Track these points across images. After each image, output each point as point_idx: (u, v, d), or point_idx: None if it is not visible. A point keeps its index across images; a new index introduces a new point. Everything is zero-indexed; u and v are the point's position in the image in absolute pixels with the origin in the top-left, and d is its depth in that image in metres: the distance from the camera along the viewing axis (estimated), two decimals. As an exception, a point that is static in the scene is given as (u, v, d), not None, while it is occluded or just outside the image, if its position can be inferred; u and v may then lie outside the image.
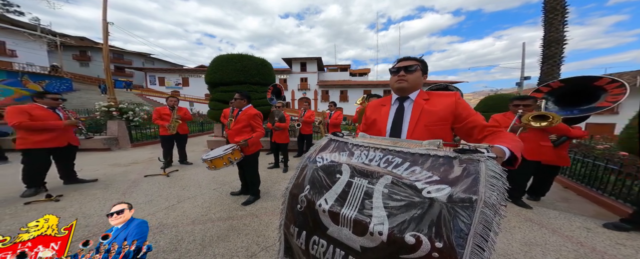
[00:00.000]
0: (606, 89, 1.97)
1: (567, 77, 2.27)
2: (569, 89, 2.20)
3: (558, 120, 1.93)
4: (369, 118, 1.16)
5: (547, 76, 8.04)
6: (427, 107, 0.99)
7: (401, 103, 1.06)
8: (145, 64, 32.67)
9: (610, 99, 1.94)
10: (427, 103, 1.00)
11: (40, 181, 2.65)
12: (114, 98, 6.41)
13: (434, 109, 0.97)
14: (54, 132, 2.61)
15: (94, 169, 3.85)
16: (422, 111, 0.98)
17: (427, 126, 0.96)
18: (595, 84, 2.01)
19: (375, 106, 1.16)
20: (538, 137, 2.22)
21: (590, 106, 2.06)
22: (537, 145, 2.23)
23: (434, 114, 0.96)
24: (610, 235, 1.84)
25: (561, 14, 7.69)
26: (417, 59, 1.04)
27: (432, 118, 0.96)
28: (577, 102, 2.15)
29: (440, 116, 0.96)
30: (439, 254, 0.56)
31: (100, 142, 5.45)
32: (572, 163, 3.33)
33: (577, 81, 2.15)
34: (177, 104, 4.02)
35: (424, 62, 1.06)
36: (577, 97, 2.15)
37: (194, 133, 9.61)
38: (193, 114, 17.20)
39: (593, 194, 2.72)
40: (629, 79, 12.90)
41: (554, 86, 2.30)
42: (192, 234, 1.84)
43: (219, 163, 2.10)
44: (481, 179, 0.58)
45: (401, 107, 1.05)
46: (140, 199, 2.58)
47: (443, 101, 0.99)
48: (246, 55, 6.43)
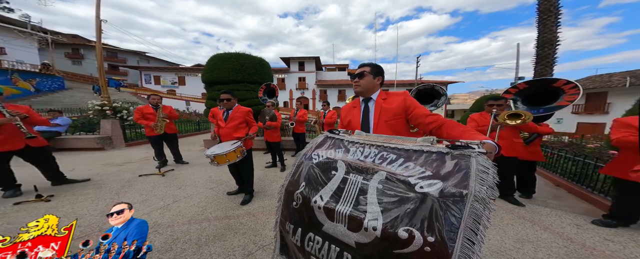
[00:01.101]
0: (564, 89, 2.19)
1: (530, 80, 2.53)
2: (534, 90, 2.41)
3: (530, 117, 2.14)
4: (344, 119, 1.34)
5: (540, 76, 8.19)
6: (385, 105, 1.18)
7: (366, 104, 1.25)
8: (140, 62, 32.18)
9: (568, 98, 2.16)
10: (384, 102, 1.19)
11: (9, 184, 2.50)
12: (108, 97, 6.30)
13: (390, 107, 1.16)
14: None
15: (87, 168, 3.78)
16: (381, 109, 1.18)
17: (387, 121, 1.15)
18: (554, 85, 2.23)
19: (349, 109, 1.35)
20: (512, 135, 2.41)
21: (551, 105, 2.28)
22: (511, 142, 2.40)
23: (390, 111, 1.16)
24: (598, 231, 1.90)
25: (554, 15, 7.83)
26: (369, 64, 1.23)
27: (389, 114, 1.16)
28: (541, 101, 2.37)
29: (395, 112, 1.15)
30: (430, 249, 0.57)
31: (94, 142, 5.36)
32: (563, 161, 3.42)
33: (539, 82, 2.39)
34: (160, 103, 3.79)
35: (374, 66, 1.22)
36: (541, 97, 2.37)
37: (191, 132, 9.51)
38: (189, 114, 16.96)
39: (583, 191, 2.79)
40: (618, 80, 13.25)
41: (520, 87, 2.51)
42: (187, 234, 1.82)
43: (232, 156, 2.15)
44: (472, 174, 0.59)
45: (366, 107, 1.24)
46: (134, 198, 2.54)
47: (396, 99, 1.18)
48: (243, 54, 6.39)
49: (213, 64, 6.18)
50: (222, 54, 6.34)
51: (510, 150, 2.39)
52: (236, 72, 6.08)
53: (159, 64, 33.64)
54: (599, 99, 13.81)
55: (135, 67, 28.97)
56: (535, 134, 2.58)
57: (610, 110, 13.28)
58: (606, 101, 13.58)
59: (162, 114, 3.75)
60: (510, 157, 2.40)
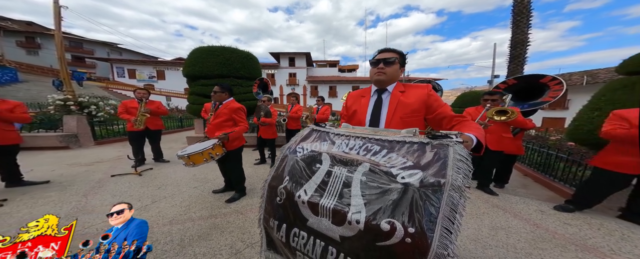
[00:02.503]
0: (549, 85, 2.33)
1: (520, 75, 2.63)
2: (522, 86, 2.53)
3: (516, 114, 2.20)
4: (349, 109, 1.18)
5: (512, 74, 8.82)
6: (403, 99, 1.02)
7: (379, 95, 1.08)
8: (111, 54, 29.44)
9: (552, 94, 2.31)
10: (402, 95, 1.04)
11: None
12: (72, 91, 5.69)
13: (409, 101, 1.01)
14: None
15: (48, 169, 3.42)
16: (398, 103, 1.02)
17: (402, 118, 1.01)
18: (541, 81, 2.36)
19: (356, 97, 1.18)
20: (500, 130, 2.48)
21: (536, 100, 2.41)
22: (500, 137, 2.48)
23: (408, 106, 1.01)
24: (559, 216, 2.10)
25: (526, 17, 8.41)
26: (396, 51, 1.06)
27: (407, 110, 1.00)
28: (527, 97, 2.51)
29: (414, 108, 1.00)
30: (411, 240, 0.58)
31: (56, 140, 4.85)
32: (530, 153, 3.74)
33: (528, 78, 2.51)
34: (146, 97, 3.62)
35: (402, 54, 1.07)
36: (527, 93, 2.50)
37: (173, 129, 9.01)
38: (171, 109, 15.89)
39: (546, 180, 3.08)
40: (577, 79, 14.68)
41: (509, 83, 2.64)
42: (169, 235, 1.73)
43: (198, 159, 1.95)
44: (449, 162, 0.61)
45: (379, 99, 1.07)
46: (106, 200, 2.35)
47: (417, 92, 1.03)
48: (229, 48, 6.12)
49: (195, 58, 5.84)
50: (206, 47, 6.02)
51: (498, 144, 2.45)
52: (221, 66, 5.81)
53: (134, 56, 31.03)
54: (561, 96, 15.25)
55: (105, 59, 26.48)
56: (518, 129, 2.66)
57: (569, 106, 14.72)
58: (567, 97, 15.03)
59: (144, 109, 3.51)
60: (496, 151, 2.48)
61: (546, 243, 1.68)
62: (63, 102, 5.47)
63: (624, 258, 1.50)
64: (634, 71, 3.65)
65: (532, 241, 1.70)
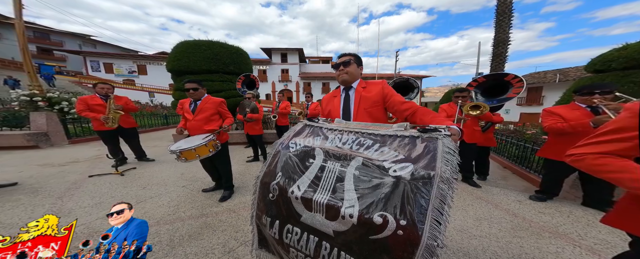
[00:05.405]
0: (512, 83, 2.56)
1: (488, 74, 2.88)
2: (490, 83, 2.78)
3: (487, 108, 2.45)
4: (325, 109, 1.36)
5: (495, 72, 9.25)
6: (365, 94, 1.22)
7: (347, 92, 1.28)
8: (84, 46, 27.15)
9: (514, 90, 2.54)
10: (364, 90, 1.24)
11: None
12: (39, 86, 5.20)
13: (369, 95, 1.21)
14: None
15: (15, 170, 3.14)
16: (361, 98, 1.22)
17: (366, 109, 1.20)
18: (506, 79, 2.61)
19: (329, 99, 1.37)
20: (472, 123, 2.73)
21: (503, 97, 2.67)
22: (472, 130, 2.71)
23: (369, 99, 1.20)
24: (534, 206, 2.25)
25: (508, 17, 8.80)
26: (351, 54, 1.26)
27: (368, 102, 1.20)
28: (495, 94, 2.76)
29: (374, 100, 1.20)
30: (403, 232, 0.59)
31: (22, 139, 4.44)
32: (509, 146, 3.98)
33: (495, 76, 2.75)
34: (111, 92, 3.25)
35: (357, 56, 1.26)
36: (495, 90, 2.75)
37: (157, 127, 8.55)
38: (155, 106, 14.91)
39: (523, 171, 3.30)
40: (551, 76, 15.76)
41: (480, 81, 2.88)
42: (157, 236, 1.66)
43: (203, 151, 1.96)
44: (438, 155, 0.62)
45: (347, 95, 1.28)
46: (84, 201, 2.21)
47: (375, 87, 1.24)
48: (217, 42, 5.87)
49: (180, 52, 5.55)
50: (192, 41, 5.73)
51: (471, 137, 2.69)
52: (209, 61, 5.57)
53: (111, 49, 28.85)
54: (536, 92, 16.34)
55: (76, 51, 24.36)
56: (490, 122, 2.95)
57: (544, 102, 15.82)
58: (541, 94, 16.11)
59: (115, 106, 3.22)
60: (471, 143, 2.72)
61: (523, 231, 1.80)
62: (29, 97, 4.99)
63: (590, 242, 1.65)
64: (600, 69, 3.99)
65: (512, 230, 1.82)
